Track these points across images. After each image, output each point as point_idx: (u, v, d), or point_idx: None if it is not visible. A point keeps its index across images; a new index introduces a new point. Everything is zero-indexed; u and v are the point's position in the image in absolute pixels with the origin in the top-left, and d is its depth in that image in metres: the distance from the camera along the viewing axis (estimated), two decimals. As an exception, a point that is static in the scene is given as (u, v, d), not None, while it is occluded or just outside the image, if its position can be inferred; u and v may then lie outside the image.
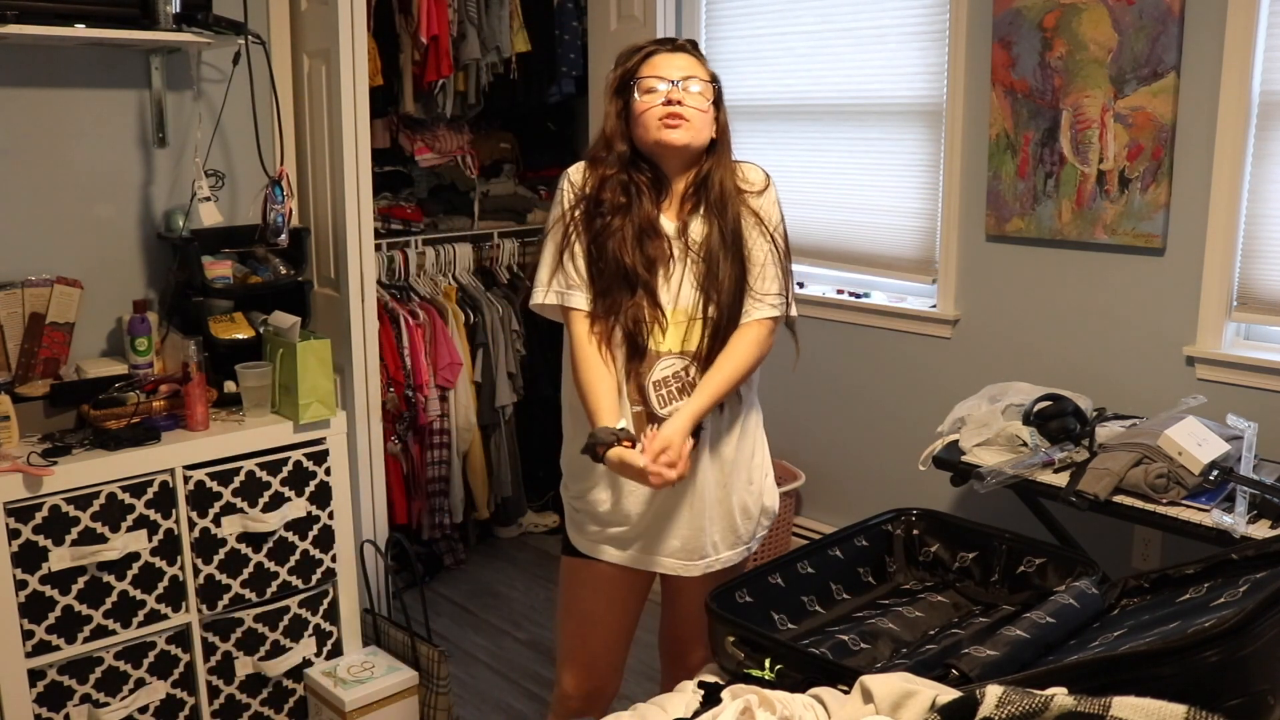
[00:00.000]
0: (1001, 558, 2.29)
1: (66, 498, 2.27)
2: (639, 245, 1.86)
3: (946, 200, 3.15)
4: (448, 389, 3.56)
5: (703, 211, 1.90)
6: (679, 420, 1.81)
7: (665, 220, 1.92)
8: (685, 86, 1.85)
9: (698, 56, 1.93)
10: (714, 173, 1.90)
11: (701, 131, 1.88)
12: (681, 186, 1.93)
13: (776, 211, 1.96)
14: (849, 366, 3.47)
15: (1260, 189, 2.59)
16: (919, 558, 2.41)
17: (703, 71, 1.90)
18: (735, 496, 2.00)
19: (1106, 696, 1.15)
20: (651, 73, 1.87)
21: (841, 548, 2.36)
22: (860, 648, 2.03)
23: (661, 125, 1.84)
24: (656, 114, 1.84)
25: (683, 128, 1.84)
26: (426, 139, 3.66)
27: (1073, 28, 2.78)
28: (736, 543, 2.04)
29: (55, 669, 2.32)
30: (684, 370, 1.89)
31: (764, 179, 1.97)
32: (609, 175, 1.89)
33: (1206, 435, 2.31)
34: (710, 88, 1.89)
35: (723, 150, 1.93)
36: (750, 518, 2.05)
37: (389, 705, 2.55)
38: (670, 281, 1.88)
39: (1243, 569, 1.75)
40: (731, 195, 1.90)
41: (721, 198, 1.89)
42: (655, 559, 1.98)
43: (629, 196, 1.88)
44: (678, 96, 1.84)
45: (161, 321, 2.71)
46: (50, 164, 2.62)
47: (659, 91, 1.85)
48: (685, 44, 1.93)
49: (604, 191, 1.89)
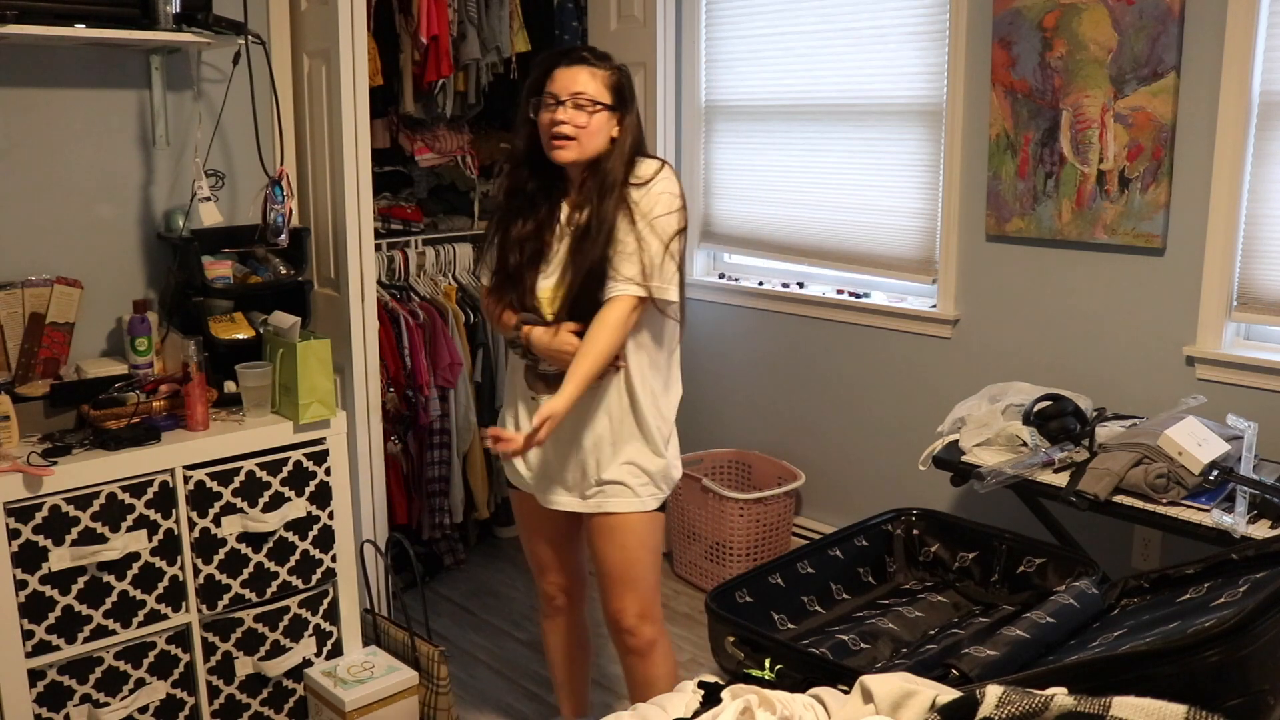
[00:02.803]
0: (1001, 558, 2.29)
1: (66, 498, 2.27)
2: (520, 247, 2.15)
3: (946, 200, 3.15)
4: (448, 389, 3.56)
5: (588, 198, 2.11)
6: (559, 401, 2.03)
7: (566, 207, 2.16)
8: (572, 104, 2.06)
9: (595, 66, 2.10)
10: (603, 164, 2.10)
11: (589, 143, 2.08)
12: (580, 180, 2.15)
13: (659, 201, 2.10)
14: (849, 366, 3.47)
15: (1260, 189, 2.59)
16: (919, 558, 2.41)
17: (596, 85, 2.08)
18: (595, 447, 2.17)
19: (1106, 696, 1.15)
20: (549, 88, 2.09)
21: (841, 548, 2.36)
22: (860, 648, 2.03)
23: (551, 144, 2.08)
24: (547, 132, 2.09)
25: (568, 147, 2.07)
26: (426, 139, 3.65)
27: (1073, 28, 2.78)
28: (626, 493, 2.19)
29: (55, 669, 2.32)
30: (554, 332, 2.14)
31: (652, 172, 2.12)
32: (505, 184, 2.21)
33: (1206, 435, 2.31)
34: (596, 103, 2.07)
35: (618, 147, 2.11)
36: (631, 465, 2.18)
37: (389, 705, 2.55)
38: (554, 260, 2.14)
39: (1243, 569, 1.75)
40: (613, 186, 2.09)
41: (602, 187, 2.09)
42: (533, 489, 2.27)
43: (524, 199, 2.16)
44: (564, 116, 2.06)
45: (161, 321, 2.71)
46: (50, 164, 2.62)
47: (550, 110, 2.08)
48: (585, 55, 2.11)
49: (503, 194, 2.22)
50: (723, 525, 3.43)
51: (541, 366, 2.18)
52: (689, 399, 3.88)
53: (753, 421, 3.72)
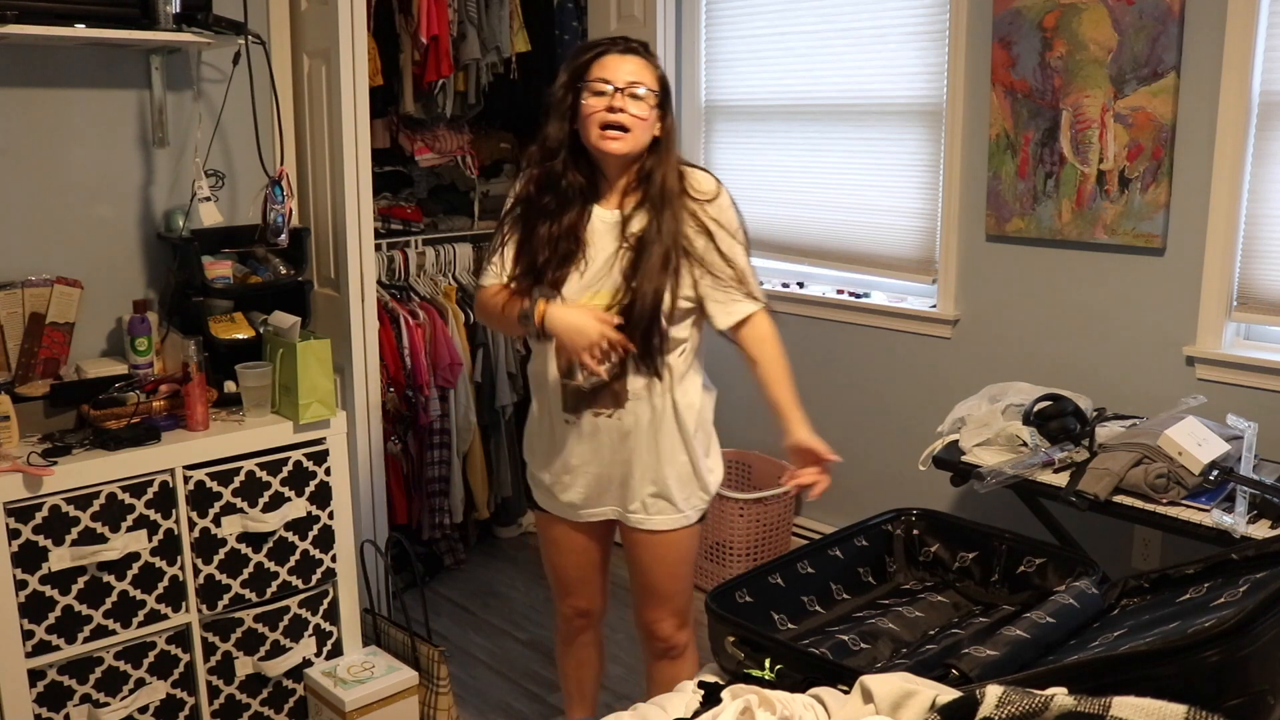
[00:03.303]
0: (1001, 558, 2.29)
1: (66, 498, 2.27)
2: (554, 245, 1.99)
3: (946, 200, 3.15)
4: (448, 389, 3.56)
5: (646, 207, 1.99)
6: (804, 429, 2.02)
7: (605, 211, 2.02)
8: (630, 93, 1.93)
9: (648, 59, 1.99)
10: (656, 171, 1.99)
11: (641, 138, 1.97)
12: (622, 182, 2.03)
13: (734, 215, 2.06)
14: (849, 366, 3.46)
15: (1260, 189, 2.59)
16: (919, 558, 2.41)
17: (649, 76, 1.97)
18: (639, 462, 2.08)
19: (1106, 696, 1.15)
20: (599, 75, 1.94)
21: (841, 548, 2.36)
22: (860, 648, 2.03)
23: (602, 135, 1.94)
24: (599, 119, 1.94)
25: (622, 138, 1.94)
26: (426, 139, 3.65)
27: (1073, 28, 2.78)
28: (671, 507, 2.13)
29: (55, 669, 2.32)
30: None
31: (715, 186, 2.05)
32: (540, 174, 2.02)
33: (1206, 435, 2.31)
34: (654, 95, 1.96)
35: (666, 150, 2.01)
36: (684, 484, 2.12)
37: (389, 705, 2.55)
38: (591, 268, 2.00)
39: (1243, 569, 1.75)
40: (673, 194, 1.99)
41: (663, 195, 1.99)
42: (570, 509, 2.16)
43: (556, 195, 2.00)
44: (620, 104, 1.93)
45: (161, 321, 2.71)
46: (50, 164, 2.62)
47: (603, 97, 1.93)
48: (637, 46, 2.00)
49: (532, 187, 2.03)
50: (723, 525, 3.43)
51: (579, 379, 2.03)
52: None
53: (753, 421, 3.71)
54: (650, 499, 2.11)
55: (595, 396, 2.03)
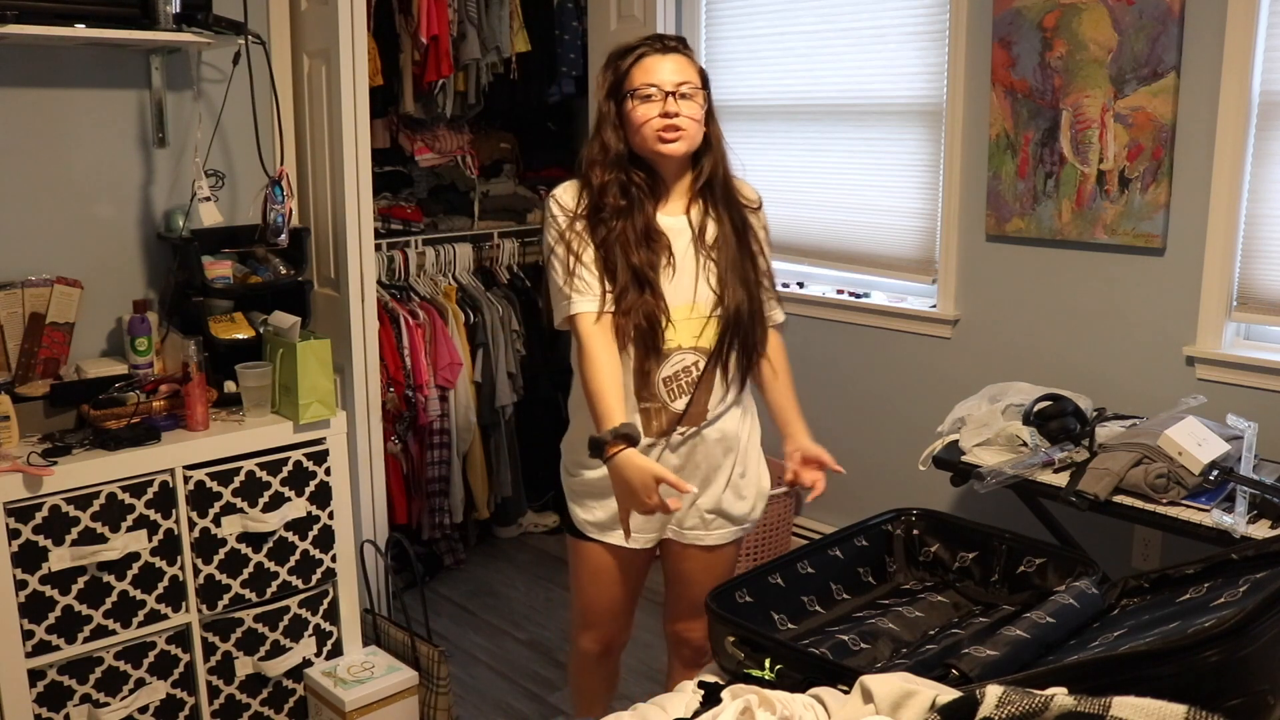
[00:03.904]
0: (1001, 558, 2.29)
1: (66, 498, 2.27)
2: (644, 244, 1.92)
3: (946, 200, 3.15)
4: (448, 389, 3.56)
5: (711, 210, 1.98)
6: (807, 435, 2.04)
7: (670, 218, 1.97)
8: (680, 94, 1.89)
9: (688, 55, 1.96)
10: (716, 170, 1.98)
11: (697, 136, 1.94)
12: (684, 185, 1.99)
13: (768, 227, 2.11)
14: (849, 366, 3.46)
15: (1260, 189, 2.59)
16: (919, 558, 2.41)
17: (693, 73, 1.94)
18: (729, 477, 2.07)
19: (1106, 696, 1.15)
20: (645, 79, 1.90)
21: (841, 548, 2.35)
22: (860, 648, 2.03)
23: (659, 138, 1.89)
24: (655, 126, 1.89)
25: (681, 139, 1.90)
26: (426, 139, 3.65)
27: (1073, 28, 2.78)
28: (728, 522, 2.11)
29: (55, 669, 2.32)
30: (694, 365, 1.97)
31: (758, 195, 2.08)
32: (608, 180, 1.93)
33: (1206, 435, 2.31)
34: (702, 93, 1.93)
35: (717, 148, 1.99)
36: (744, 498, 2.11)
37: (389, 705, 2.55)
38: (679, 278, 1.94)
39: (1243, 569, 1.75)
40: (734, 194, 2.01)
41: (727, 196, 1.99)
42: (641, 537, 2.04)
43: (629, 199, 1.93)
44: (674, 109, 1.88)
45: (161, 321, 2.71)
46: (50, 164, 2.62)
47: (654, 101, 1.89)
48: (675, 44, 1.95)
49: (605, 196, 1.92)
50: (723, 525, 3.43)
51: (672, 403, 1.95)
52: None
53: (753, 421, 3.72)
54: (710, 514, 2.07)
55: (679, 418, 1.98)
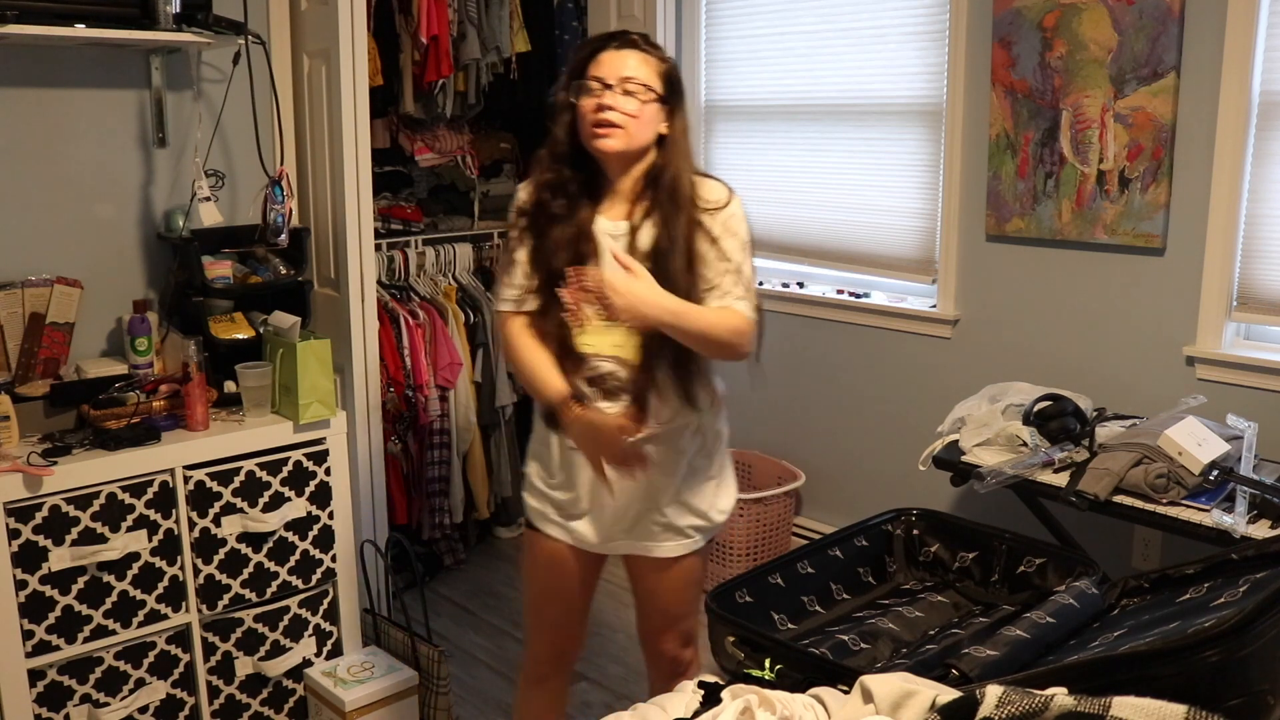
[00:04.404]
0: (1001, 558, 2.29)
1: (66, 498, 2.27)
2: (571, 248, 1.87)
3: (946, 200, 3.15)
4: (448, 389, 3.56)
5: (656, 213, 1.87)
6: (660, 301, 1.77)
7: (610, 221, 1.90)
8: (621, 89, 1.83)
9: (649, 52, 1.89)
10: (665, 171, 1.88)
11: (638, 135, 1.86)
12: (627, 185, 1.91)
13: (744, 224, 1.92)
14: (849, 366, 3.46)
15: (1260, 189, 2.59)
16: (919, 558, 2.41)
17: (648, 71, 1.87)
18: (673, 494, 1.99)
19: (1106, 696, 1.15)
20: (594, 72, 1.86)
21: (841, 548, 2.36)
22: (860, 648, 2.03)
23: (594, 133, 1.84)
24: (590, 119, 1.85)
25: (614, 135, 1.83)
26: (426, 139, 3.65)
27: (1073, 28, 2.78)
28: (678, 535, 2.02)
29: (55, 669, 2.32)
30: (614, 373, 1.89)
31: (726, 195, 1.91)
32: (546, 178, 1.92)
33: (1206, 435, 2.31)
34: (648, 90, 1.85)
35: (674, 149, 1.89)
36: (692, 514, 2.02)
37: (389, 705, 2.55)
38: None
39: (1243, 569, 1.75)
40: (685, 197, 1.87)
41: (673, 198, 1.86)
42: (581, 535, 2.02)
43: (566, 198, 1.90)
44: (609, 102, 1.83)
45: (161, 321, 2.71)
46: (50, 164, 2.62)
47: (595, 95, 1.84)
48: (636, 39, 1.90)
49: (542, 193, 1.92)
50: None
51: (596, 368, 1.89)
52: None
53: (753, 421, 3.72)
54: (668, 527, 2.00)
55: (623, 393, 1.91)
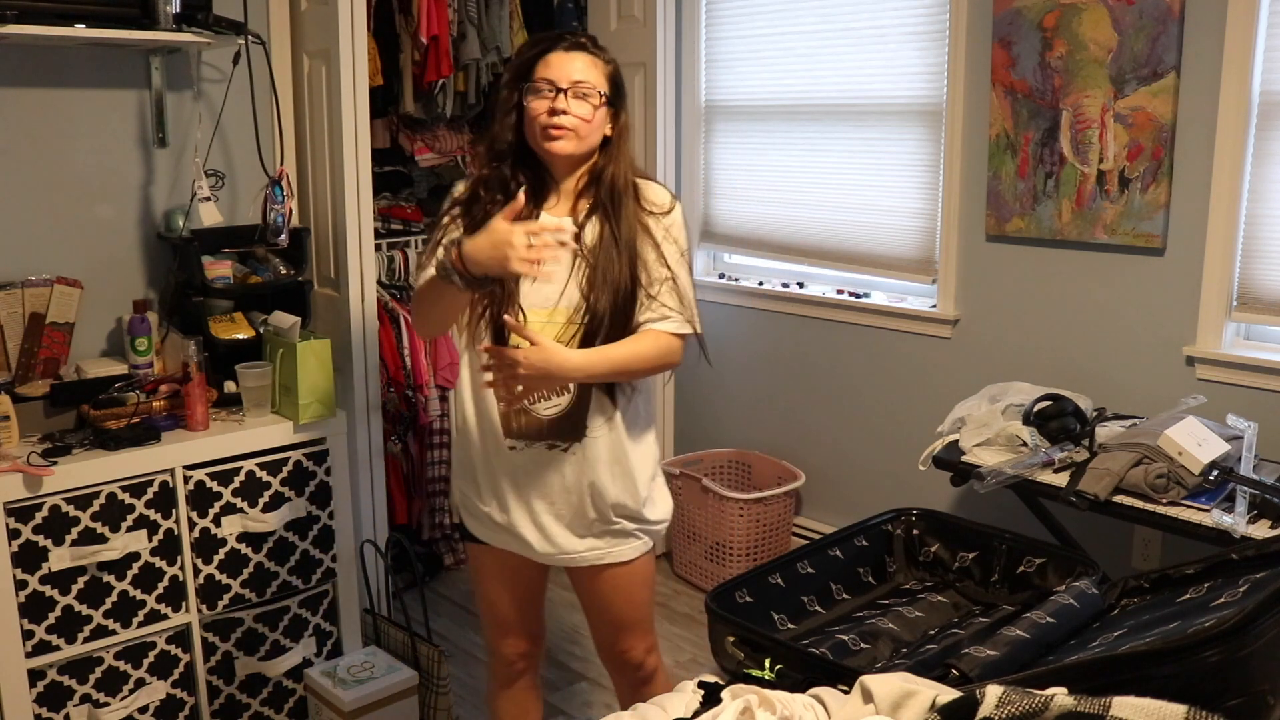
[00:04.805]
0: (1001, 558, 2.29)
1: (66, 498, 2.27)
2: None
3: (946, 200, 3.15)
4: (448, 389, 3.56)
5: (598, 212, 1.89)
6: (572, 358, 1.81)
7: (551, 219, 1.90)
8: (573, 93, 1.84)
9: (596, 55, 1.90)
10: (606, 170, 1.90)
11: (587, 139, 1.88)
12: (571, 184, 1.93)
13: (684, 233, 1.95)
14: (849, 366, 3.46)
15: (1260, 189, 2.59)
16: (919, 558, 2.41)
17: (596, 74, 1.88)
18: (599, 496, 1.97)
19: (1106, 696, 1.15)
20: (543, 74, 1.86)
21: (841, 548, 2.36)
22: (860, 648, 2.03)
23: (545, 135, 1.85)
24: (542, 122, 1.85)
25: (566, 138, 1.85)
26: (426, 139, 3.65)
27: (1073, 28, 2.78)
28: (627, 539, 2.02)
29: (55, 669, 2.32)
30: None
31: (670, 201, 1.94)
32: (486, 174, 1.92)
33: (1206, 435, 2.31)
34: (599, 94, 1.87)
35: (617, 150, 1.92)
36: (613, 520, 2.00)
37: (389, 705, 2.55)
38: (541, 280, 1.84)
39: (1243, 569, 1.75)
40: (625, 197, 1.89)
41: (614, 198, 1.89)
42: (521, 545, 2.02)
43: (505, 195, 1.88)
44: (562, 106, 1.83)
45: (161, 321, 2.71)
46: (50, 164, 2.62)
47: (545, 98, 1.85)
48: (584, 41, 1.91)
49: (480, 188, 1.92)
50: (723, 525, 3.43)
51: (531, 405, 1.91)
52: (689, 399, 3.89)
53: (753, 421, 3.72)
54: (608, 534, 2.00)
55: (554, 428, 1.92)
